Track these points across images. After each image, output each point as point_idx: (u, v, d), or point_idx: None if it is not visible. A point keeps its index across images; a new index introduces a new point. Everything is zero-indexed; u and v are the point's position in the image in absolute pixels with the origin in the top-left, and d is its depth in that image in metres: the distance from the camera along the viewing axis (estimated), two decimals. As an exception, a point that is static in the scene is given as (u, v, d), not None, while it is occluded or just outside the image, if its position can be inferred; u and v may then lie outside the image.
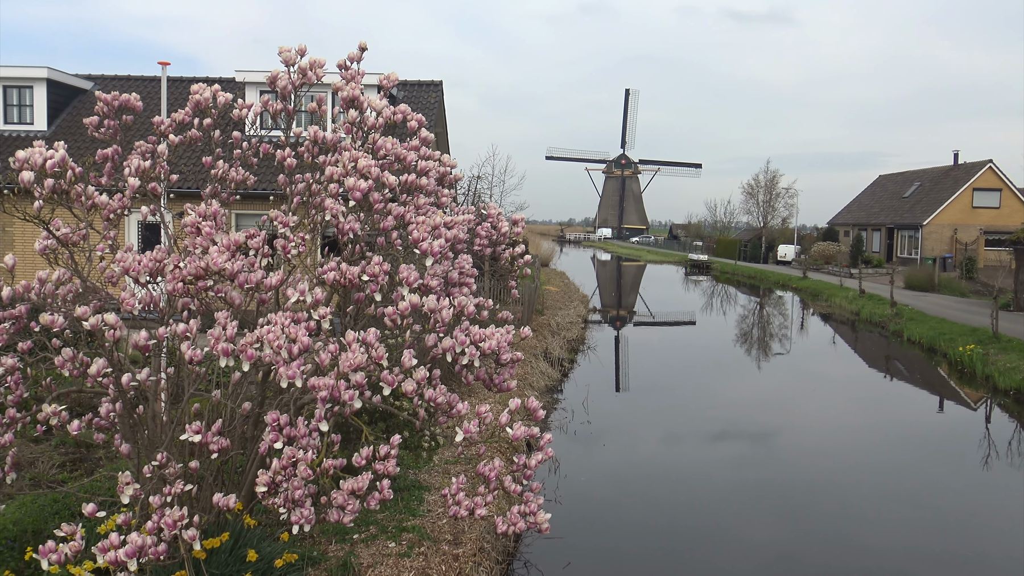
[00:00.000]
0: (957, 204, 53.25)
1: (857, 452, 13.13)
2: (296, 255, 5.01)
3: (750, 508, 10.17)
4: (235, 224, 19.30)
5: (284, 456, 4.25)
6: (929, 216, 53.25)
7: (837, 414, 16.22)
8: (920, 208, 55.25)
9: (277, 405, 4.96)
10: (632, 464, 12.43)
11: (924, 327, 25.63)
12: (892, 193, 62.22)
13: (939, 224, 53.06)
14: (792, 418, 15.70)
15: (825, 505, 10.24)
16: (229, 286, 4.71)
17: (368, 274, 4.80)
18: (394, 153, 5.47)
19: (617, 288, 50.33)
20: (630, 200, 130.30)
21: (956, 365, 21.36)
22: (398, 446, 4.61)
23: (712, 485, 11.13)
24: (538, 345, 19.37)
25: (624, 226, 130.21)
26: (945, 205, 53.22)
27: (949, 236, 52.74)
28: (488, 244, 6.30)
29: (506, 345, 4.93)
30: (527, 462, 4.81)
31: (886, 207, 60.45)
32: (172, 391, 5.39)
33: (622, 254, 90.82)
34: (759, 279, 53.56)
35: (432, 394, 4.62)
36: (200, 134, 6.06)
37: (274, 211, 5.18)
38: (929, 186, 57.61)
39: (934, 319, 27.04)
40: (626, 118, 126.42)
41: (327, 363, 4.42)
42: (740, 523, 9.72)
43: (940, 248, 52.36)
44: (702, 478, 11.49)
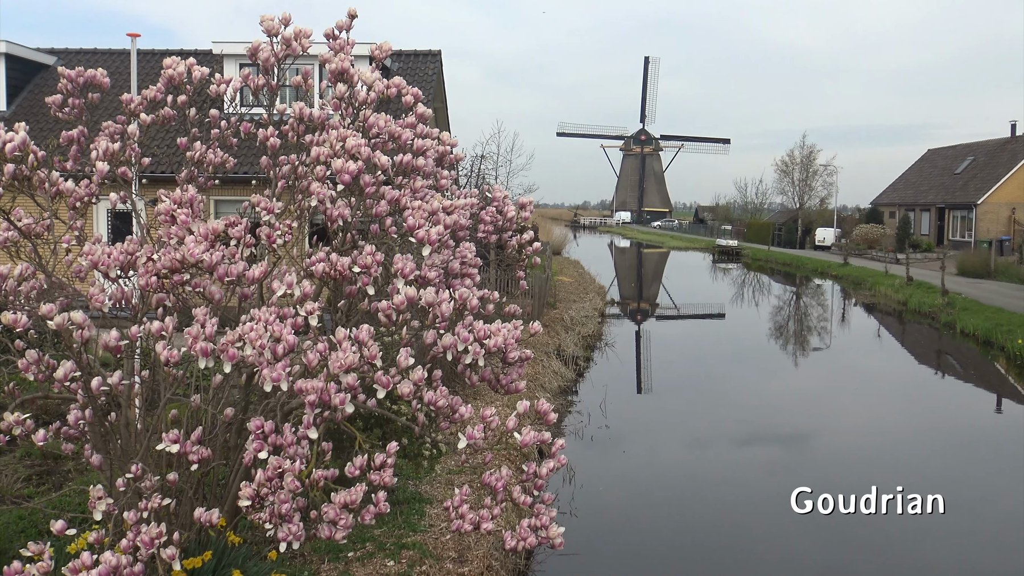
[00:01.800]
0: (1015, 181, 52.86)
1: (905, 459, 13.10)
2: (281, 245, 5.02)
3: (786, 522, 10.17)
4: (214, 211, 19.35)
5: (270, 467, 4.28)
6: (984, 194, 52.92)
7: (882, 416, 16.19)
8: (974, 185, 54.92)
9: (262, 411, 4.99)
10: (655, 473, 12.44)
11: (979, 318, 25.52)
12: (942, 169, 61.88)
13: (995, 203, 52.73)
14: (832, 421, 15.68)
15: (867, 516, 10.23)
16: (208, 280, 4.73)
17: (360, 265, 4.81)
18: (387, 131, 5.47)
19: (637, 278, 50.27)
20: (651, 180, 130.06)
21: (1015, 360, 21.27)
22: (395, 454, 4.63)
23: (744, 496, 11.13)
24: (550, 342, 19.39)
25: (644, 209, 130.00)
26: (1002, 182, 52.86)
27: (1006, 216, 52.41)
28: (493, 231, 6.30)
29: (514, 342, 4.93)
30: (538, 471, 4.82)
31: (936, 185, 60.14)
32: (147, 396, 5.42)
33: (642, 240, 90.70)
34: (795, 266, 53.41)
35: (432, 397, 4.63)
36: (174, 113, 6.07)
37: (256, 196, 5.20)
38: (984, 161, 57.25)
39: (990, 309, 26.92)
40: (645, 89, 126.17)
41: (316, 364, 4.43)
42: (775, 538, 9.72)
43: (996, 230, 52.04)
44: (732, 488, 11.49)
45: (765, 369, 21.34)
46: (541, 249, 6.70)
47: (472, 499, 4.84)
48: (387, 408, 8.39)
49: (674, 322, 31.15)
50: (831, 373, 21.10)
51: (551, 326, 21.14)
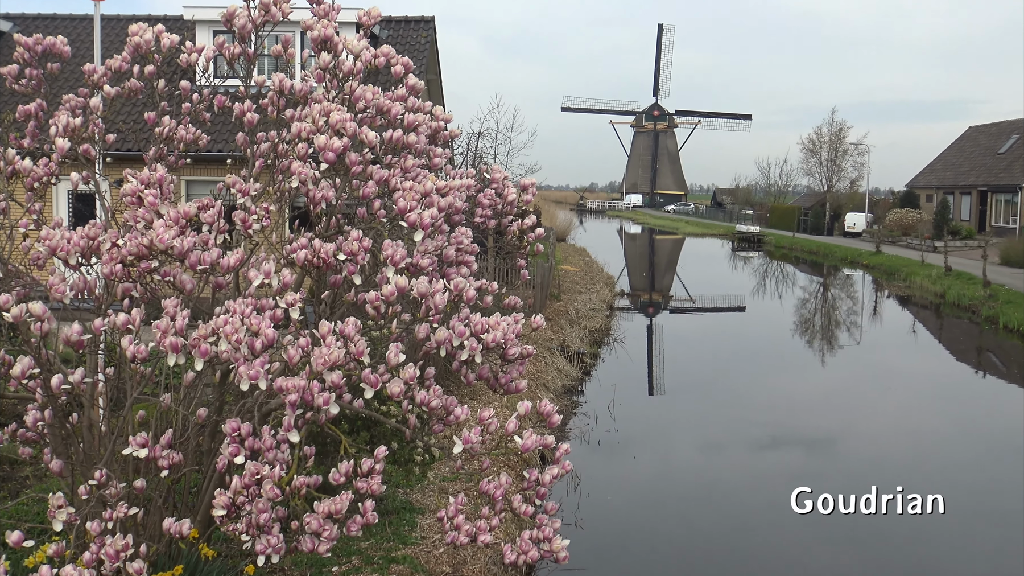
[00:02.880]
0: (1065, 161, 52.82)
1: (943, 466, 13.13)
2: (259, 230, 5.01)
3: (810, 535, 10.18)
4: (185, 193, 19.33)
5: (246, 473, 4.28)
6: (1030, 176, 52.87)
7: (917, 420, 16.21)
8: (1020, 166, 54.85)
9: (238, 412, 4.99)
10: (667, 480, 12.46)
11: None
12: (985, 148, 61.79)
13: (1043, 186, 52.68)
14: (862, 425, 15.70)
15: (900, 530, 10.25)
16: (178, 268, 4.72)
17: (345, 252, 4.80)
18: (376, 105, 5.45)
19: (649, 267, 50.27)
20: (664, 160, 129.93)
21: (1063, 358, 21.30)
22: (384, 460, 4.63)
23: (763, 507, 11.15)
24: (553, 337, 19.40)
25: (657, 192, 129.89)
26: (1050, 162, 52.80)
27: (1055, 200, 52.37)
28: (492, 215, 6.29)
29: (514, 337, 4.93)
30: (540, 478, 4.82)
31: (977, 165, 60.07)
32: (112, 396, 5.42)
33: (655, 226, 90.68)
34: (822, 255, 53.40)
35: (425, 397, 4.63)
36: (141, 85, 6.05)
37: (232, 177, 5.18)
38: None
39: (1036, 302, 26.95)
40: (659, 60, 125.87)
41: (297, 360, 4.43)
42: (798, 553, 9.74)
43: (1044, 215, 52.01)
44: (751, 498, 11.51)
45: (788, 368, 21.37)
46: (544, 235, 6.69)
47: (468, 509, 4.85)
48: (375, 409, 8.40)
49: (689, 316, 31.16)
50: (861, 372, 21.12)
51: (555, 320, 21.15)
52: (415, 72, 5.85)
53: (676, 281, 41.93)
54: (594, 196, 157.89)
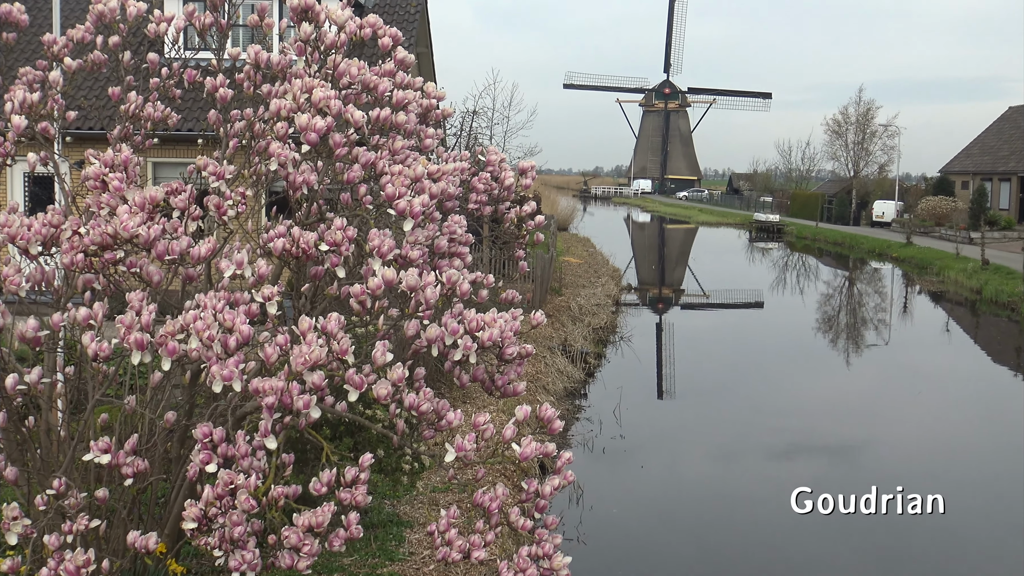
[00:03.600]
0: (1113, 146, 52.85)
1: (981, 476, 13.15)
2: (234, 217, 5.01)
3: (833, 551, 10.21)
4: (153, 176, 19.31)
5: (219, 482, 4.27)
6: (1076, 162, 52.92)
7: (952, 426, 16.25)
8: (1064, 151, 54.87)
9: (210, 415, 4.98)
10: (678, 493, 12.48)
11: (1067, 310, 25.58)
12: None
13: (1089, 172, 52.73)
14: (891, 432, 15.73)
15: (929, 546, 10.29)
16: (145, 258, 4.71)
17: (328, 242, 4.79)
18: (361, 81, 5.44)
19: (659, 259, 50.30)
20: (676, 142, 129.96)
21: (1109, 360, 21.35)
22: (369, 468, 4.63)
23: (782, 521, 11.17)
24: (555, 335, 19.41)
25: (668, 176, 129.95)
26: (1097, 147, 52.84)
27: (1102, 188, 52.42)
28: (488, 201, 6.28)
29: (512, 335, 4.92)
30: (540, 489, 4.83)
31: (1018, 150, 60.08)
32: (72, 397, 5.42)
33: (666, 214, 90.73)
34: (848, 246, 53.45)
35: (414, 400, 4.63)
36: (105, 57, 6.03)
37: (204, 159, 5.17)
38: (1076, 122, 57.23)
39: (1081, 299, 26.99)
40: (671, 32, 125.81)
41: (275, 360, 4.43)
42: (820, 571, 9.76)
43: (1090, 204, 52.07)
44: (768, 512, 11.53)
45: (810, 370, 21.40)
46: (545, 224, 6.70)
47: (461, 523, 4.85)
48: (360, 413, 8.41)
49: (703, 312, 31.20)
50: (889, 375, 21.15)
51: (556, 316, 21.16)
52: (404, 45, 5.83)
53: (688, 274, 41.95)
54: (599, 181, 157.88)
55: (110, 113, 6.42)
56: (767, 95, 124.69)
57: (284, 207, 5.51)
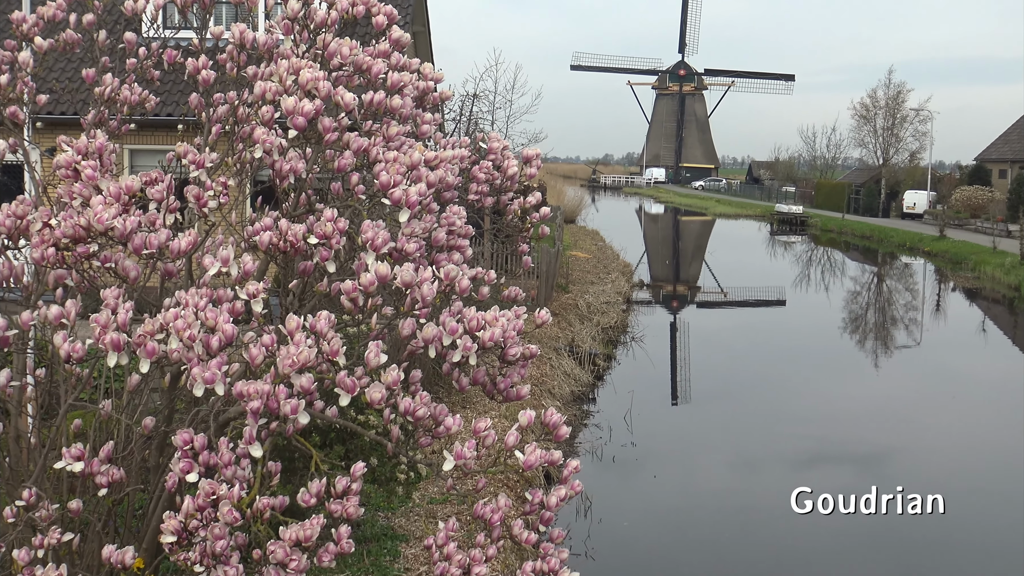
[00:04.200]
0: None
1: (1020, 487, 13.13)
2: (216, 208, 5.01)
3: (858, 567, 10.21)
4: (129, 164, 19.33)
5: (200, 492, 4.28)
6: (1121, 149, 52.84)
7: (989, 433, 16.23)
8: (1109, 137, 54.79)
9: (191, 421, 4.99)
10: (693, 505, 12.48)
11: (1112, 308, 25.55)
12: (1069, 116, 61.74)
13: None
14: (923, 439, 15.73)
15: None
16: (121, 252, 4.71)
17: (317, 235, 4.79)
18: (353, 62, 5.44)
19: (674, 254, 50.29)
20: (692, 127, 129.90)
21: None
22: (362, 478, 4.63)
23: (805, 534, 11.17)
24: (561, 335, 19.41)
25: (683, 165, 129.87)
26: None
27: None
28: (489, 191, 6.28)
29: (515, 335, 4.92)
30: (545, 500, 4.82)
31: (1060, 136, 59.99)
32: (43, 402, 5.42)
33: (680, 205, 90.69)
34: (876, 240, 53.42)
35: (410, 404, 4.63)
36: (79, 37, 6.03)
37: (184, 146, 5.17)
38: (1122, 106, 57.05)
39: None
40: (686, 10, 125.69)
41: (260, 361, 4.43)
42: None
43: None
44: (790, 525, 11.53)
45: (836, 373, 21.38)
46: (550, 216, 6.70)
47: (461, 536, 4.85)
48: (352, 419, 8.41)
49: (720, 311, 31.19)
50: (921, 378, 21.15)
51: (562, 314, 21.15)
52: (400, 23, 5.83)
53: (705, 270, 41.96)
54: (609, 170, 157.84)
55: (84, 97, 6.42)
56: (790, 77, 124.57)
57: (270, 198, 5.50)
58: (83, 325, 4.60)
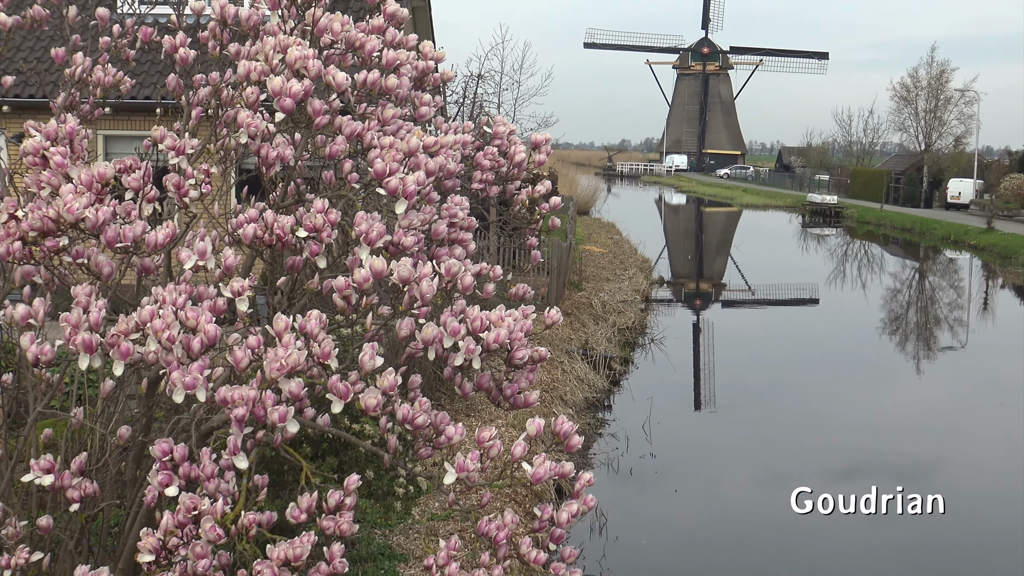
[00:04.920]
0: None
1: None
2: (197, 198, 5.02)
3: None
4: (103, 151, 19.38)
5: (181, 508, 4.29)
6: None
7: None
8: None
9: (170, 430, 5.00)
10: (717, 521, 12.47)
11: None
12: None
13: None
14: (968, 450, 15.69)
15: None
16: (93, 246, 4.73)
17: (307, 227, 4.79)
18: (346, 39, 5.44)
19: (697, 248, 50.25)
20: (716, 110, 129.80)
21: None
22: (357, 492, 4.63)
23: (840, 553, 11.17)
24: (573, 337, 19.41)
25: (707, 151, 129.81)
26: None
27: None
28: (494, 180, 6.28)
29: (522, 336, 4.92)
30: (556, 516, 4.82)
31: (1119, 119, 59.76)
32: (10, 409, 5.44)
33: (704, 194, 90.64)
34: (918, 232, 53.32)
35: (408, 412, 4.63)
36: (47, 13, 6.04)
37: (162, 130, 5.18)
38: None
39: None
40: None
41: (246, 365, 4.43)
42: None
43: None
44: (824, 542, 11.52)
45: (873, 378, 21.34)
46: (562, 206, 6.70)
47: (464, 555, 4.85)
48: (346, 428, 8.42)
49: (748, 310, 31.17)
50: (966, 384, 21.11)
51: (575, 314, 21.16)
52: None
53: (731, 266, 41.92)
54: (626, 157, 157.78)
55: (53, 78, 6.43)
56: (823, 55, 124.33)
57: (256, 187, 5.51)
58: (53, 326, 4.61)
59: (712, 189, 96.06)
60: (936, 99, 72.94)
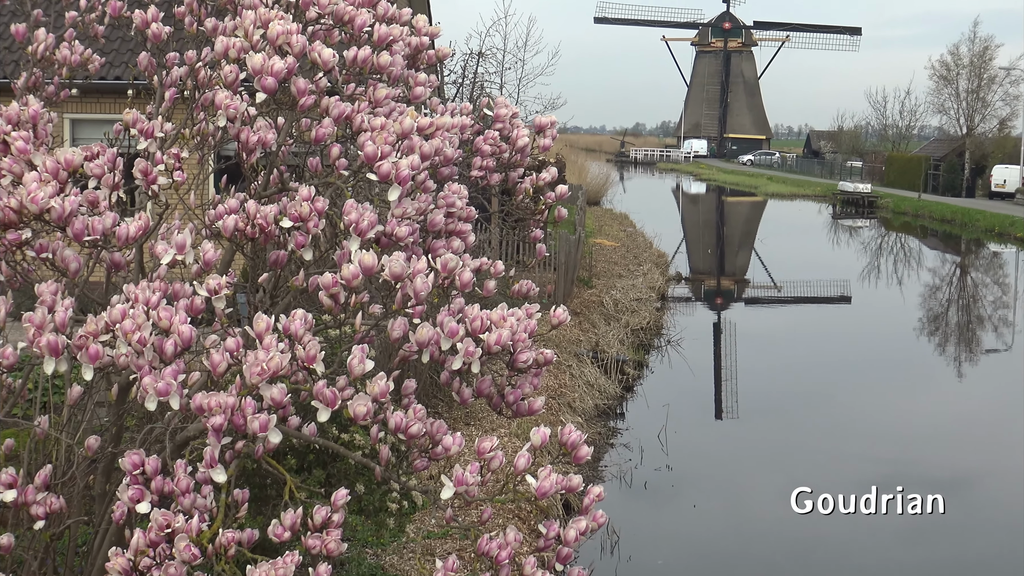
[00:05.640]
0: None
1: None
2: (167, 186, 5.02)
3: None
4: (70, 136, 19.40)
5: (153, 525, 4.29)
6: None
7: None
8: None
9: (142, 441, 5.00)
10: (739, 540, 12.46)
11: None
12: None
13: None
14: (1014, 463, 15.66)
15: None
16: (59, 240, 4.73)
17: (291, 217, 4.80)
18: (332, 12, 5.44)
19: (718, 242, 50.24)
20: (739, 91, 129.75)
21: None
22: (346, 508, 4.64)
23: (876, 573, 11.18)
24: (582, 338, 19.42)
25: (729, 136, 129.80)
26: None
27: None
28: (496, 167, 6.28)
29: (526, 337, 4.92)
30: (563, 534, 4.83)
31: None
32: (-32, 417, 5.44)
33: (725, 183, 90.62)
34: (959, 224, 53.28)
35: (402, 420, 4.63)
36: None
37: (133, 113, 5.19)
38: None
39: None
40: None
41: (224, 369, 4.44)
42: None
43: None
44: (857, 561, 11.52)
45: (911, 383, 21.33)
46: (570, 196, 6.69)
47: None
48: (334, 438, 8.42)
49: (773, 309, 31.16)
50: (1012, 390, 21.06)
51: (584, 313, 21.16)
52: (389, -34, 5.83)
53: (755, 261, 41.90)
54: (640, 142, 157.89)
55: (15, 57, 6.45)
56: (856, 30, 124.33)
57: (236, 176, 5.51)
58: (15, 327, 4.61)
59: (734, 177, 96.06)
60: (979, 78, 72.87)
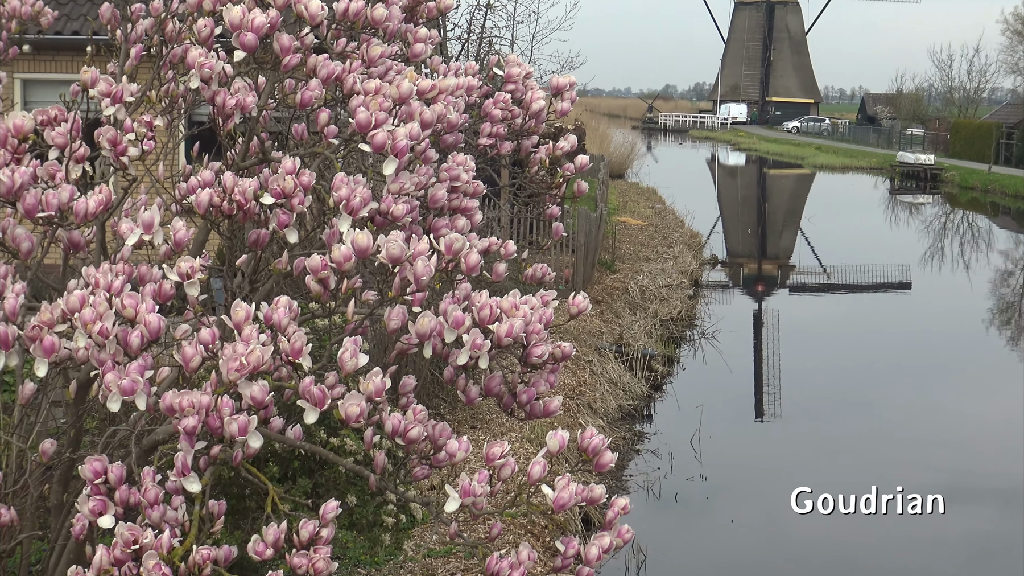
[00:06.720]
0: None
1: None
2: (138, 157, 5.02)
3: None
4: (22, 99, 19.42)
5: (118, 540, 4.30)
6: None
7: None
8: None
9: (104, 446, 5.01)
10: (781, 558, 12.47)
11: None
12: None
13: None
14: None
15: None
16: (10, 216, 4.74)
17: (274, 192, 4.79)
18: (322, -42, 5.44)
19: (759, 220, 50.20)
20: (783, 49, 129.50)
21: None
22: (336, 522, 4.64)
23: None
24: (605, 329, 19.42)
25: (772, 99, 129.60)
26: None
27: None
28: (507, 135, 6.27)
29: (541, 329, 4.92)
30: (583, 552, 4.83)
31: None
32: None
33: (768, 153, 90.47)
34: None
35: (399, 423, 4.64)
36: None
37: (93, 73, 5.19)
38: None
39: None
40: None
41: (198, 364, 4.44)
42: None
43: None
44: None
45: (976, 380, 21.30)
46: (591, 167, 6.70)
47: (468, 600, 4.87)
48: (322, 443, 8.43)
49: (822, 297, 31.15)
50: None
51: (607, 302, 21.16)
52: (384, -95, 5.82)
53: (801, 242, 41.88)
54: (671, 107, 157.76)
55: (-41, 9, 6.43)
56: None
57: (211, 144, 5.51)
58: (-40, 316, 4.63)
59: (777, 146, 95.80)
60: (1058, 34, 72.67)
